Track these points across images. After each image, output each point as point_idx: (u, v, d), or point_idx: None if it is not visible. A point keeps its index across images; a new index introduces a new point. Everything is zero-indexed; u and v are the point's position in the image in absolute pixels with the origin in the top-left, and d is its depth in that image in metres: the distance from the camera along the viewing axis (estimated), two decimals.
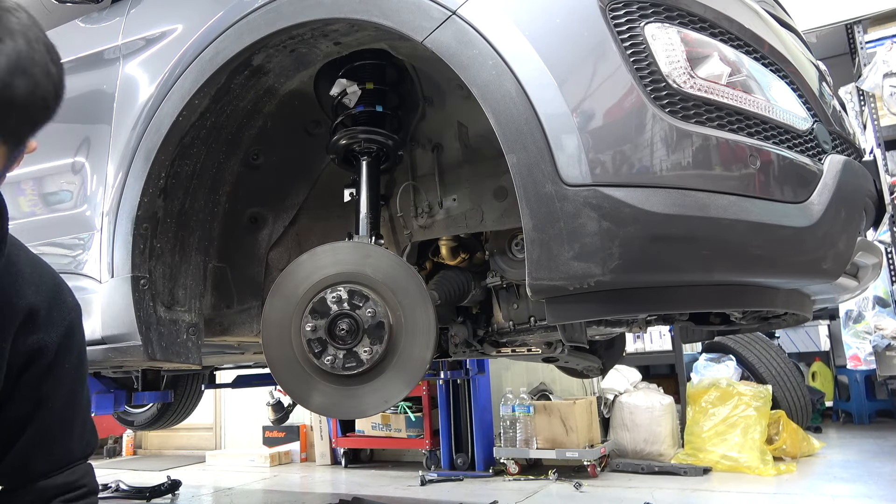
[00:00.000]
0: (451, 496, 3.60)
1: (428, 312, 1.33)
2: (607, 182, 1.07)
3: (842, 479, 3.32)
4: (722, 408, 3.78)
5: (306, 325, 1.33)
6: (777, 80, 1.27)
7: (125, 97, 1.68)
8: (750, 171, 1.12)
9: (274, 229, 1.89)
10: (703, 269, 1.11)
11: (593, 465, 3.72)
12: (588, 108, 1.09)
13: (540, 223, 1.09)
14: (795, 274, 1.21)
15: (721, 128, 1.13)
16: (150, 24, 1.73)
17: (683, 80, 1.11)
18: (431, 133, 1.73)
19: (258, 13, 1.41)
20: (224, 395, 5.83)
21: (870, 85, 3.93)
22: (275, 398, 4.32)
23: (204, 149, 1.64)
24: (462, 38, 1.17)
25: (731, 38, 1.23)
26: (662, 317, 1.75)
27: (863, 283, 1.50)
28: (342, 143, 1.63)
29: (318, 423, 4.98)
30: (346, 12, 1.30)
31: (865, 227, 1.49)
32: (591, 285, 1.08)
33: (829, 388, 5.84)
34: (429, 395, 4.43)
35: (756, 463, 3.53)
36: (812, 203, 1.18)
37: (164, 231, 1.63)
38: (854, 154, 1.46)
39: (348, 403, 1.36)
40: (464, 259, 1.82)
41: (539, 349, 1.96)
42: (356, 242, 1.47)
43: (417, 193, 1.75)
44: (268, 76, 1.57)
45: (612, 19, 1.12)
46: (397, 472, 4.44)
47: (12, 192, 1.94)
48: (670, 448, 3.91)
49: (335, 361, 1.32)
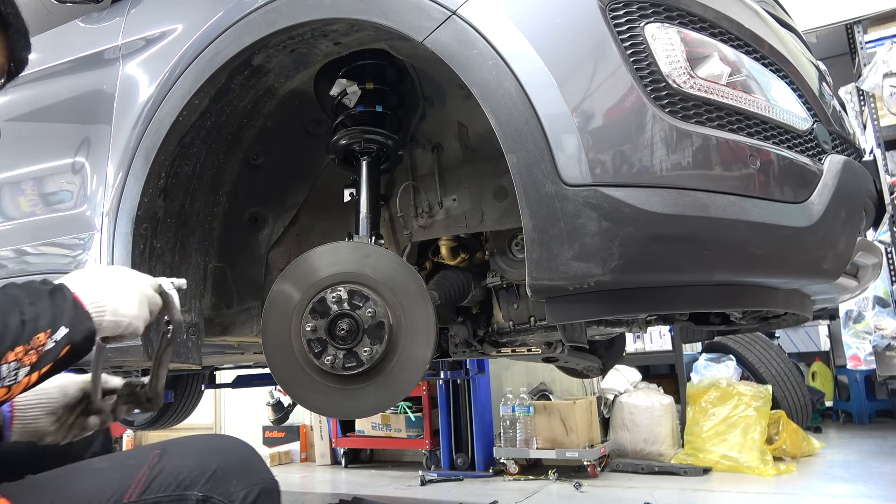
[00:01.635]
0: (451, 496, 3.60)
1: (428, 312, 1.33)
2: (607, 182, 1.07)
3: (842, 478, 3.32)
4: (722, 408, 3.78)
5: (306, 325, 1.33)
6: (777, 80, 1.27)
7: (125, 97, 1.67)
8: (750, 171, 1.12)
9: (274, 229, 1.89)
10: (703, 269, 1.11)
11: (593, 465, 3.73)
12: (588, 108, 1.09)
13: (540, 223, 1.09)
14: (795, 274, 1.21)
15: (721, 128, 1.13)
16: (150, 24, 1.73)
17: (683, 80, 1.11)
18: (431, 133, 1.73)
19: (258, 13, 1.41)
20: (224, 395, 5.83)
21: (870, 85, 3.93)
22: (275, 398, 4.33)
23: (204, 149, 1.64)
24: (462, 38, 1.17)
25: (731, 38, 1.23)
26: (662, 317, 1.75)
27: (863, 283, 1.50)
28: (342, 143, 1.63)
29: (318, 423, 4.98)
30: (346, 12, 1.30)
31: (865, 227, 1.49)
32: (591, 285, 1.08)
33: (829, 388, 5.84)
34: (429, 395, 4.43)
35: (756, 463, 3.53)
36: (812, 203, 1.18)
37: (164, 231, 1.63)
38: (854, 154, 1.46)
39: (348, 403, 1.36)
40: (464, 259, 1.82)
41: (539, 349, 1.95)
42: (356, 242, 1.47)
43: (417, 193, 1.75)
44: (268, 76, 1.57)
45: (612, 19, 1.12)
46: (397, 472, 4.44)
47: (12, 192, 1.94)
48: (670, 448, 3.91)
49: (335, 361, 1.32)
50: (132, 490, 0.74)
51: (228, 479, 0.77)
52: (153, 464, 0.77)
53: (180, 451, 0.80)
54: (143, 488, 0.75)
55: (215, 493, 0.75)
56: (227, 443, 0.83)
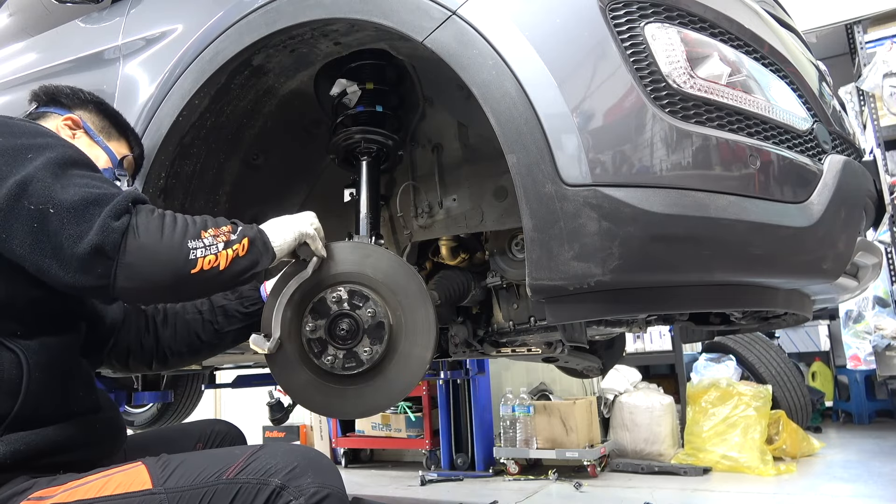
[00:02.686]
0: (451, 496, 3.60)
1: (428, 312, 1.33)
2: (607, 182, 1.07)
3: (842, 479, 3.32)
4: (722, 408, 3.78)
5: (306, 325, 1.33)
6: (777, 80, 1.27)
7: (125, 97, 1.67)
8: (750, 171, 1.12)
9: None
10: (703, 269, 1.11)
11: (593, 465, 3.73)
12: (588, 108, 1.09)
13: (540, 223, 1.09)
14: (795, 274, 1.21)
15: (721, 128, 1.13)
16: (150, 24, 1.73)
17: (683, 80, 1.11)
18: (431, 133, 1.73)
19: (258, 13, 1.41)
20: (224, 395, 5.83)
21: (870, 85, 3.93)
22: (275, 398, 4.32)
23: (204, 149, 1.64)
24: (462, 38, 1.17)
25: (731, 38, 1.23)
26: (662, 317, 1.74)
27: (863, 283, 1.50)
28: (342, 144, 1.63)
29: (318, 423, 4.98)
30: (347, 12, 1.30)
31: (865, 227, 1.49)
32: (591, 285, 1.08)
33: (829, 388, 5.84)
34: (429, 395, 4.43)
35: (756, 463, 3.53)
36: (812, 203, 1.18)
37: None
38: (854, 154, 1.46)
39: (348, 404, 1.36)
40: (464, 259, 1.82)
41: (539, 349, 1.95)
42: (356, 242, 1.47)
43: (417, 193, 1.75)
44: (268, 76, 1.57)
45: (612, 19, 1.12)
46: (397, 472, 4.44)
47: None
48: (670, 448, 3.91)
49: (335, 361, 1.32)
50: (232, 469, 0.97)
51: (304, 476, 0.95)
52: (251, 454, 0.99)
53: (274, 449, 1.01)
54: (240, 469, 0.96)
55: (291, 484, 0.94)
56: (313, 452, 1.04)
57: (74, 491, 0.97)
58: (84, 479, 0.99)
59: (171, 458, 1.02)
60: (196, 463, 1.00)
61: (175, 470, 0.99)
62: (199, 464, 1.00)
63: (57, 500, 0.96)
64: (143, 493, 0.95)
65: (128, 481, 0.97)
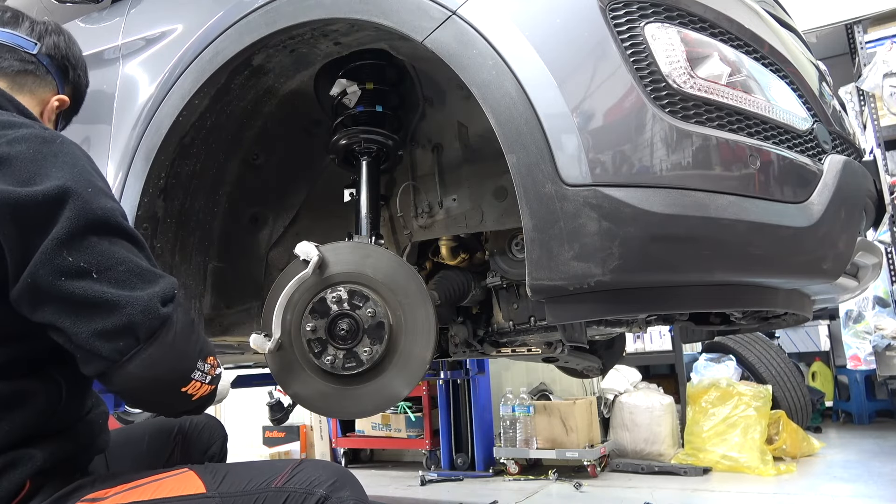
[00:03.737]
0: (451, 496, 3.60)
1: (428, 312, 1.33)
2: (607, 182, 1.07)
3: (842, 479, 3.32)
4: (722, 408, 3.77)
5: (306, 324, 1.33)
6: (777, 80, 1.27)
7: (125, 97, 1.67)
8: (750, 171, 1.12)
9: (274, 229, 1.89)
10: (703, 269, 1.11)
11: (593, 465, 3.73)
12: (588, 108, 1.09)
13: (540, 223, 1.09)
14: (795, 274, 1.21)
15: (721, 128, 1.13)
16: (150, 24, 1.73)
17: (683, 80, 1.11)
18: (431, 133, 1.73)
19: (258, 13, 1.41)
20: None
21: (870, 85, 3.93)
22: (274, 398, 4.31)
23: (204, 149, 1.64)
24: (462, 38, 1.17)
25: (731, 38, 1.23)
26: (662, 317, 1.75)
27: (863, 283, 1.50)
28: (342, 143, 1.63)
29: (318, 423, 4.98)
30: (346, 12, 1.30)
31: (865, 227, 1.49)
32: (591, 285, 1.08)
33: (829, 388, 5.83)
34: (429, 395, 4.43)
35: (756, 463, 3.52)
36: (812, 203, 1.18)
37: (164, 231, 1.63)
38: (854, 154, 1.46)
39: (348, 404, 1.36)
40: (464, 259, 1.82)
41: (539, 349, 1.96)
42: (356, 242, 1.47)
43: (417, 193, 1.75)
44: (268, 76, 1.57)
45: (612, 19, 1.12)
46: (397, 472, 4.44)
47: None
48: (670, 448, 3.91)
49: (335, 361, 1.32)
50: (280, 479, 1.01)
51: (343, 489, 1.02)
52: (295, 465, 1.04)
53: (315, 462, 1.07)
54: (287, 479, 1.01)
55: (333, 496, 1.00)
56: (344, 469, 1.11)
57: (128, 493, 0.98)
58: (134, 482, 1.01)
59: (216, 467, 1.06)
60: (242, 472, 1.04)
61: (225, 477, 1.02)
62: (245, 473, 1.04)
63: (111, 501, 0.97)
64: (199, 497, 0.98)
65: (180, 486, 1.00)
